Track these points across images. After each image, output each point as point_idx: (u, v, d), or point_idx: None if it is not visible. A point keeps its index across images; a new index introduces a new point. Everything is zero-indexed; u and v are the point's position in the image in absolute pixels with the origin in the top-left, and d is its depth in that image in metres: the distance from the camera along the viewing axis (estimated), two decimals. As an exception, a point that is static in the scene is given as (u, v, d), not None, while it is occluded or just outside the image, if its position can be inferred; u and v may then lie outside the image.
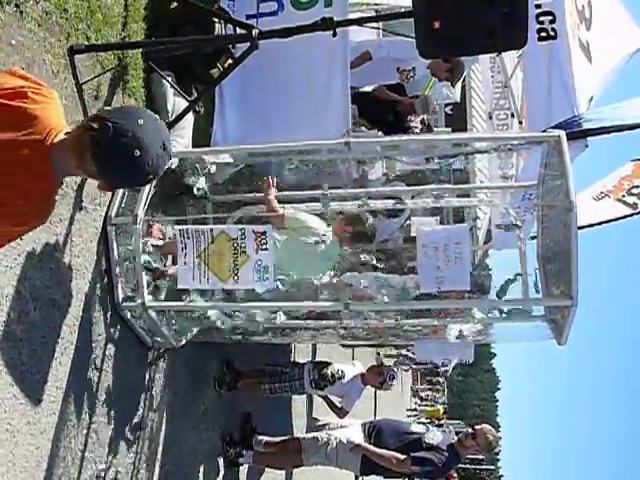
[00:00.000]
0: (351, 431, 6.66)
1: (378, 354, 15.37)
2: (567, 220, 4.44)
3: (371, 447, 6.42)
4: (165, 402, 5.64)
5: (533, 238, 5.57)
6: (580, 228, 4.56)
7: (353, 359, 11.26)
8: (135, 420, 5.20)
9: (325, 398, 7.27)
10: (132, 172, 2.27)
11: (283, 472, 8.09)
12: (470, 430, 6.49)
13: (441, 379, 34.78)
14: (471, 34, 4.27)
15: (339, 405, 7.12)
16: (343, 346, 11.15)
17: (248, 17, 5.42)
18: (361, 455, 6.45)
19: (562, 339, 4.81)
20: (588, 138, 5.31)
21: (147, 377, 5.40)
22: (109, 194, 4.80)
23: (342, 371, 6.79)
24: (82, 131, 2.25)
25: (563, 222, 4.54)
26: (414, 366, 24.28)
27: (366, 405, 13.52)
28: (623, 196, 7.20)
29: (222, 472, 6.83)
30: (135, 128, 2.22)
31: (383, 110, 7.56)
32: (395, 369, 7.19)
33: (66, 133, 2.32)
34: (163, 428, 5.64)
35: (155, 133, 2.29)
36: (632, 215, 7.13)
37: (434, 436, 6.41)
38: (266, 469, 7.60)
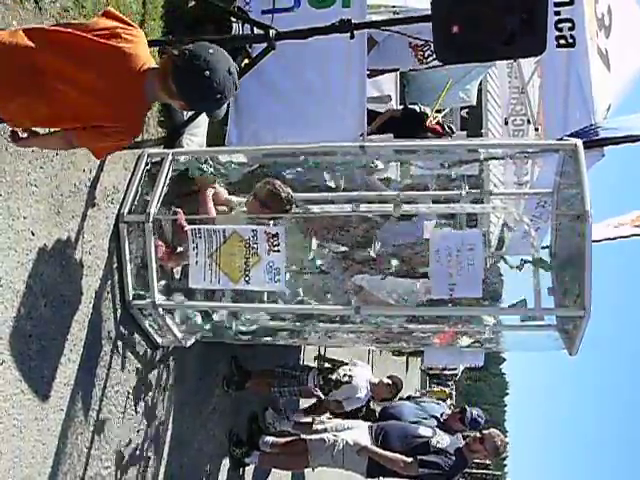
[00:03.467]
0: (358, 433, 6.63)
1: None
2: (582, 230, 4.39)
3: (378, 449, 6.39)
4: (173, 401, 5.63)
5: (545, 248, 5.51)
6: (595, 242, 4.51)
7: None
8: (142, 419, 5.20)
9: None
10: (203, 89, 2.80)
11: (289, 473, 8.08)
12: (478, 434, 6.46)
13: (449, 384, 34.77)
14: (490, 39, 4.25)
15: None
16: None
17: (264, 12, 5.40)
18: (367, 457, 6.42)
19: (573, 349, 4.76)
20: (605, 147, 5.27)
21: (155, 376, 5.40)
22: (121, 191, 4.81)
23: (349, 376, 6.73)
24: (166, 59, 2.85)
25: (578, 232, 4.49)
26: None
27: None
28: (637, 226, 7.18)
29: (228, 472, 6.82)
30: (206, 54, 2.78)
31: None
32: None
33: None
34: (170, 427, 5.64)
35: (222, 60, 2.83)
36: None
37: (441, 440, 6.38)
38: (272, 470, 7.59)
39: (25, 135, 3.12)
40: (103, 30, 2.86)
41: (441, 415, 7.02)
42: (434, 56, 7.63)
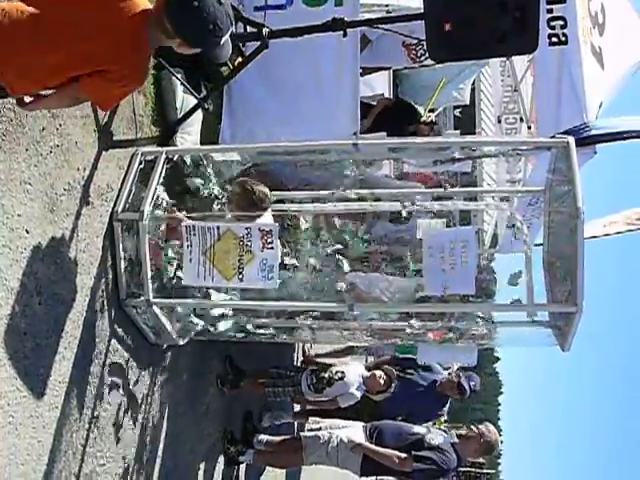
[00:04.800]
0: (353, 431, 6.64)
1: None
2: (574, 226, 4.42)
3: (372, 446, 6.40)
4: (167, 399, 5.64)
5: (537, 245, 5.55)
6: (587, 239, 4.54)
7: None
8: (137, 416, 5.20)
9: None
10: (195, 21, 2.88)
11: (284, 471, 8.09)
12: (473, 429, 6.49)
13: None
14: (482, 38, 4.28)
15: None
16: None
17: (256, 9, 5.40)
18: (362, 455, 6.44)
19: (566, 345, 4.79)
20: (597, 145, 5.30)
21: (150, 374, 5.40)
22: (115, 189, 4.81)
23: (342, 372, 6.74)
24: (159, 2, 2.94)
25: (570, 228, 4.52)
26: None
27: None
28: (630, 223, 7.23)
29: (222, 470, 6.82)
30: None
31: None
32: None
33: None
34: (164, 425, 5.64)
35: None
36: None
37: (435, 437, 6.40)
38: (267, 468, 7.60)
39: (31, 99, 3.18)
40: None
41: (434, 383, 7.10)
42: (427, 55, 7.66)
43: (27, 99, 3.19)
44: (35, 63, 2.92)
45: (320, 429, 6.85)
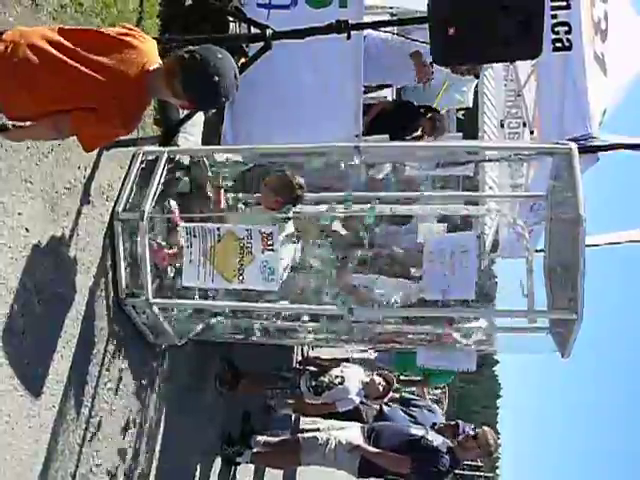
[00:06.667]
0: (351, 433, 6.63)
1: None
2: (575, 233, 4.40)
3: (370, 448, 6.39)
4: (165, 399, 5.63)
5: (539, 251, 5.53)
6: (588, 246, 4.52)
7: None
8: (134, 416, 5.19)
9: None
10: (211, 94, 3.01)
11: (281, 472, 8.08)
12: (471, 432, 6.48)
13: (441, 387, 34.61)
14: (486, 42, 4.27)
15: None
16: None
17: (259, 5, 5.39)
18: (359, 457, 6.43)
19: (566, 352, 4.78)
20: (600, 153, 5.29)
21: (148, 374, 5.39)
22: (116, 189, 4.80)
23: (342, 377, 6.72)
24: (173, 59, 3.02)
25: (571, 235, 4.50)
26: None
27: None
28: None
29: (220, 471, 6.81)
30: (215, 60, 2.97)
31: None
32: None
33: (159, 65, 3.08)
34: (162, 425, 5.63)
35: (229, 66, 3.02)
36: None
37: (433, 438, 6.39)
38: (266, 469, 7.60)
39: (13, 126, 3.20)
40: (118, 31, 3.12)
41: (434, 425, 7.04)
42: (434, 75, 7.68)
43: (10, 127, 3.21)
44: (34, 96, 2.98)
45: (318, 430, 6.84)
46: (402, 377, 9.36)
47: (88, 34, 3.09)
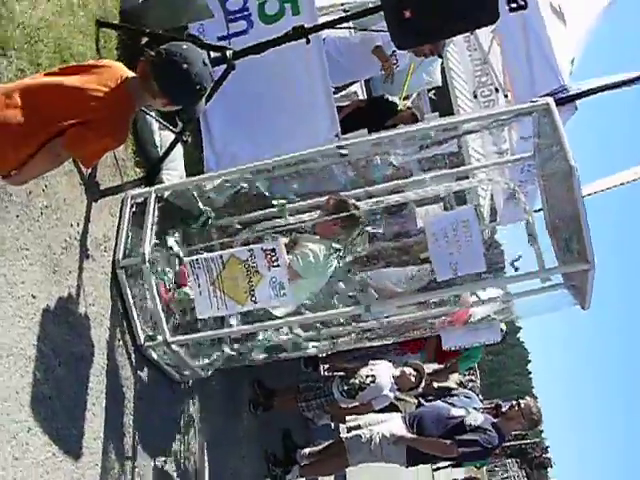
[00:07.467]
0: (393, 424, 6.62)
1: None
2: (570, 185, 4.40)
3: (415, 437, 6.39)
4: (203, 433, 5.62)
5: (537, 211, 5.53)
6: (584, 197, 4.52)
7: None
8: (177, 456, 5.18)
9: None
10: (183, 82, 3.08)
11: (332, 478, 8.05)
12: (514, 402, 6.47)
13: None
14: (443, 17, 4.27)
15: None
16: None
17: (219, 39, 5.42)
18: (406, 446, 6.42)
19: (585, 303, 4.77)
20: (577, 101, 5.30)
21: (181, 411, 5.39)
22: (112, 238, 4.80)
23: (372, 376, 6.71)
24: (144, 62, 3.14)
25: (566, 187, 4.50)
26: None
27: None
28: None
29: (271, 493, 6.80)
30: (181, 50, 3.08)
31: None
32: None
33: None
34: (206, 460, 5.62)
35: (196, 53, 3.12)
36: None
37: (476, 417, 6.38)
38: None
39: (15, 172, 3.23)
40: (90, 63, 3.30)
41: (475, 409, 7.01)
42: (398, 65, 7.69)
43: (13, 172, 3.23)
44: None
45: (359, 427, 6.83)
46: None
47: (67, 68, 3.26)
